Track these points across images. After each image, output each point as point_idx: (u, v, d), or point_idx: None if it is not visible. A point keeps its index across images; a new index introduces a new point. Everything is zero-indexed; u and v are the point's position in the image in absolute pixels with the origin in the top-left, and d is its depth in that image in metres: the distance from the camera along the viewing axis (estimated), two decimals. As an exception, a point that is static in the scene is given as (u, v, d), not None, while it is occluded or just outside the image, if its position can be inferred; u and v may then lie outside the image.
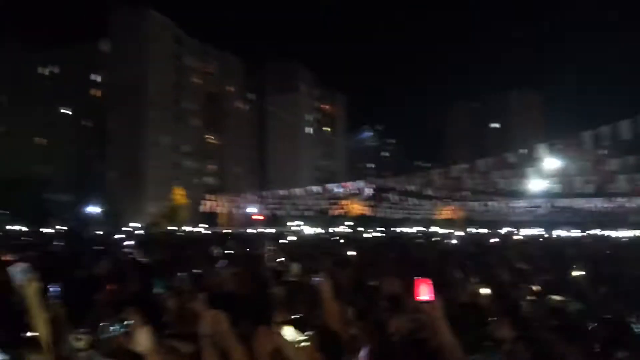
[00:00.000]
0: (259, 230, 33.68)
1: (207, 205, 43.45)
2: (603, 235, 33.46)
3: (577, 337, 3.01)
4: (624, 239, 25.69)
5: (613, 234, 38.66)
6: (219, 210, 47.78)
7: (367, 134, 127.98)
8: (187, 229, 46.83)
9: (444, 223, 64.80)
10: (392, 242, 16.06)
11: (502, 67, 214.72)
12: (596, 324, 3.15)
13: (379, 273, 5.88)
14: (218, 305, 2.58)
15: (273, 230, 35.24)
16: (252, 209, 54.52)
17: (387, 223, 56.03)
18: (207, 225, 51.15)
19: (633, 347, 2.86)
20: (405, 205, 50.41)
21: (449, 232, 30.48)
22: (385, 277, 5.50)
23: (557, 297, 5.14)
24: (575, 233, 39.87)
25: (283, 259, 6.04)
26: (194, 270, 5.95)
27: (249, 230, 35.41)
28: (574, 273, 5.47)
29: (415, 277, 2.57)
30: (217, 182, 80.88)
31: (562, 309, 3.59)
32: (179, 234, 33.48)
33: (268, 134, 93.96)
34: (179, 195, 66.44)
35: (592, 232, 41.54)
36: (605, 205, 42.54)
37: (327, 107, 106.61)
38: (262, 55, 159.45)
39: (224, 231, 35.30)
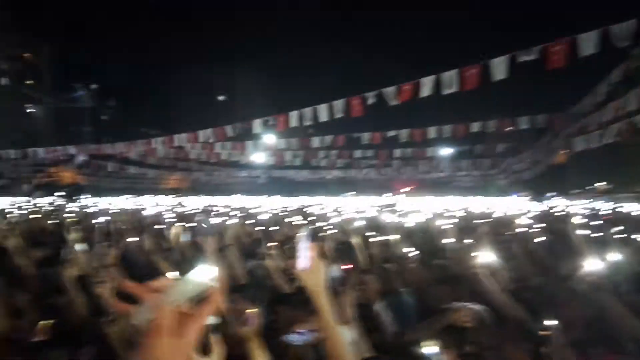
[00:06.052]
0: None
1: None
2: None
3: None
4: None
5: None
6: None
7: (81, 92, 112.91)
8: None
9: (169, 192, 63.88)
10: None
11: (227, 43, 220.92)
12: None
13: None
14: None
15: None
16: None
17: (101, 192, 51.18)
18: None
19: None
20: (126, 174, 46.93)
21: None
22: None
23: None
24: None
25: None
26: None
27: None
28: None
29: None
30: None
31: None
32: None
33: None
34: None
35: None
36: (310, 176, 49.63)
37: (29, 56, 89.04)
38: None
39: None
